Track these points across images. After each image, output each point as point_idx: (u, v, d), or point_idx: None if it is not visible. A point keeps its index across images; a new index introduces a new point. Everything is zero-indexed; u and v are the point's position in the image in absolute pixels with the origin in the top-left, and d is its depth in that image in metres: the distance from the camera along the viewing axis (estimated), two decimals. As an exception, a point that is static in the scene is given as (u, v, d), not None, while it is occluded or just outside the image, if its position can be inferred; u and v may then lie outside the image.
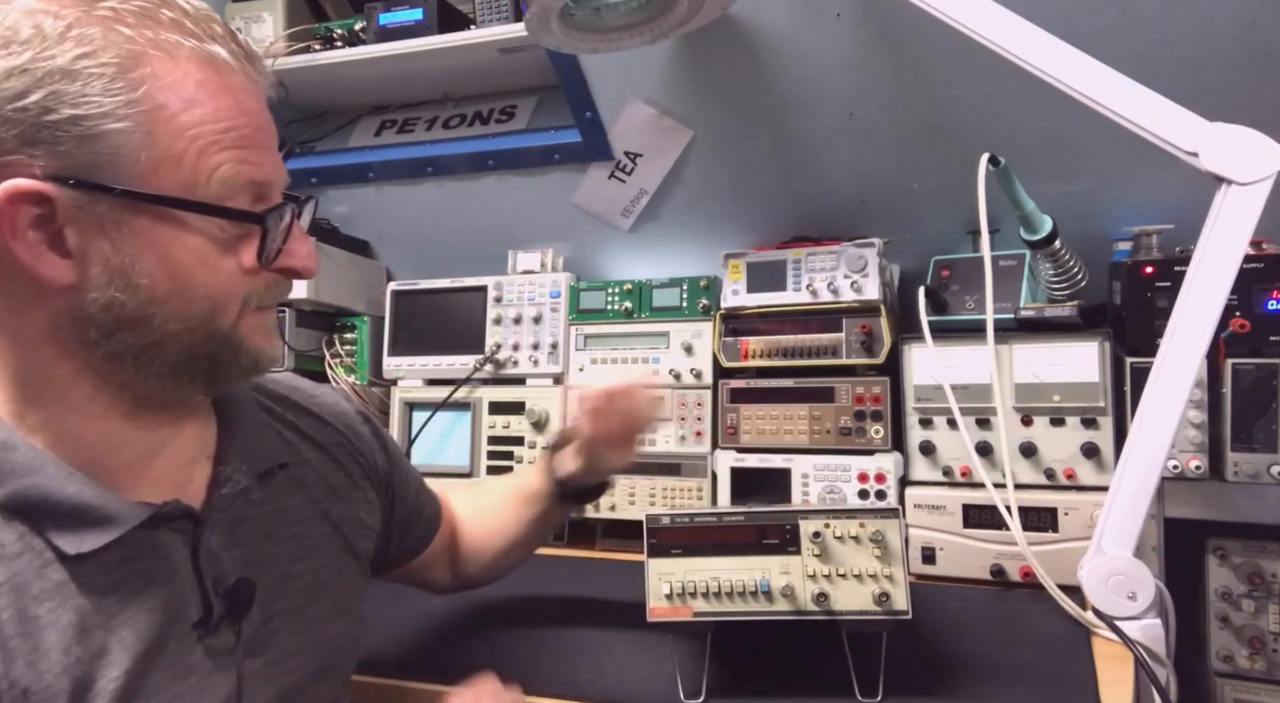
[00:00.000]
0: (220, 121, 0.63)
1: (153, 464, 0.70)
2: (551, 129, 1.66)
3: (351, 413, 0.95)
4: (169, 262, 0.63)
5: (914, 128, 1.44)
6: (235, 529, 0.75)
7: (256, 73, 0.68)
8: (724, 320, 1.47)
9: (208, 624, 0.69)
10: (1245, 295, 1.17)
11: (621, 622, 1.12)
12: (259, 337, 0.70)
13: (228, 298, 0.67)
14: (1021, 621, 1.12)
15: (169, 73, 0.61)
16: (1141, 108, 0.99)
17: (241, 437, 0.78)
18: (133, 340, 0.64)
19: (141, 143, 0.60)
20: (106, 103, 0.59)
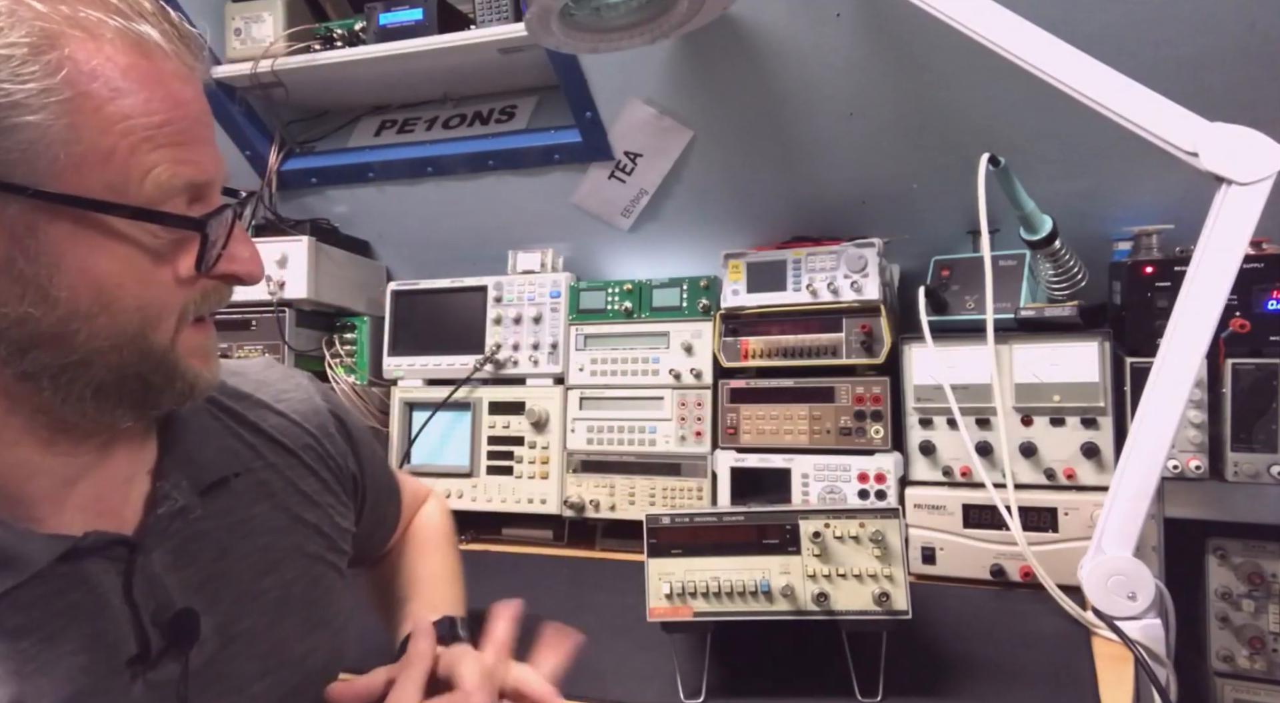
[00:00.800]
0: (154, 114, 0.55)
1: (74, 490, 0.63)
2: (551, 129, 1.66)
3: (324, 412, 0.86)
4: (93, 272, 0.56)
5: (914, 128, 1.44)
6: (185, 549, 0.68)
7: (192, 56, 0.60)
8: (724, 320, 1.47)
9: (145, 660, 0.62)
10: (1245, 295, 1.17)
11: (621, 622, 1.12)
12: (197, 359, 0.63)
13: (162, 311, 0.59)
14: (1021, 621, 1.12)
15: (91, 56, 0.54)
16: (1141, 108, 0.99)
17: (182, 449, 0.70)
18: (50, 360, 0.57)
19: (61, 137, 0.53)
20: (16, 91, 0.51)
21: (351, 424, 0.90)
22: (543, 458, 1.57)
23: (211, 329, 0.65)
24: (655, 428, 1.51)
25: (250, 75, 1.69)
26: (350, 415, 0.91)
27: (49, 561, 0.58)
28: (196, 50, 0.60)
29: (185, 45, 0.59)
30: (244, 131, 1.82)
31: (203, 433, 0.73)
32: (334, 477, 0.85)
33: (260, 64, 1.67)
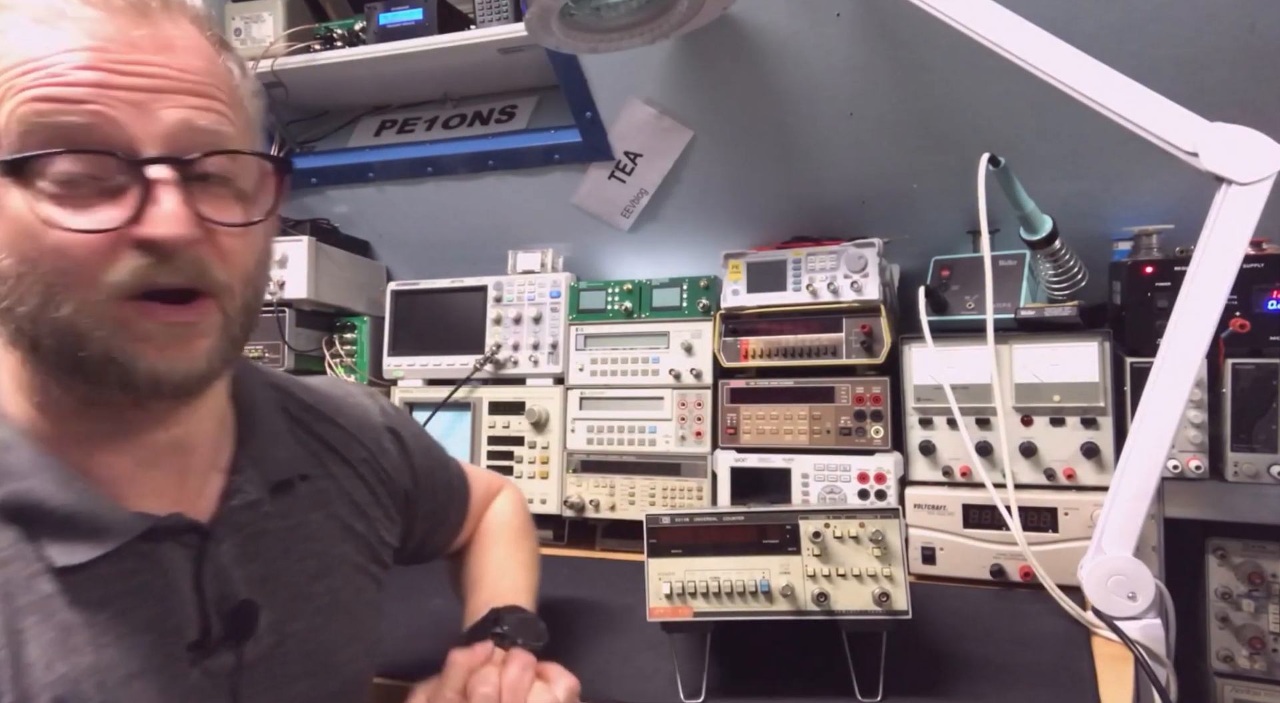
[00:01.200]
0: (23, 63, 0.54)
1: (153, 473, 0.65)
2: (551, 129, 1.66)
3: (380, 427, 0.89)
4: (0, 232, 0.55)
5: (914, 128, 1.44)
6: (251, 544, 0.69)
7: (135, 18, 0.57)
8: (724, 320, 1.47)
9: (204, 647, 0.64)
10: (1245, 295, 1.17)
11: (621, 622, 1.12)
12: (141, 344, 0.57)
13: (59, 278, 0.55)
14: (1021, 621, 1.12)
15: (7, 27, 0.55)
16: (1141, 108, 0.99)
17: (256, 446, 0.73)
18: (8, 331, 0.58)
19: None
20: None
21: (408, 438, 0.92)
22: (543, 458, 1.57)
23: (169, 314, 0.58)
24: (655, 428, 1.51)
25: (250, 75, 1.69)
26: (408, 429, 0.94)
27: (133, 536, 0.60)
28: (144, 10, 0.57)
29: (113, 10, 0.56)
30: (244, 131, 1.82)
31: (276, 434, 0.76)
32: (385, 490, 0.87)
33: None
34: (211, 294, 0.60)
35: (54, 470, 0.60)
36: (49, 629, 0.58)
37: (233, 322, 0.62)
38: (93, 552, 0.59)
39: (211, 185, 0.60)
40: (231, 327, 0.62)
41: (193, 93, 0.58)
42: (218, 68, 0.61)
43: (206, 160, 0.58)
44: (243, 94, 0.64)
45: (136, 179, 0.56)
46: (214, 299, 0.60)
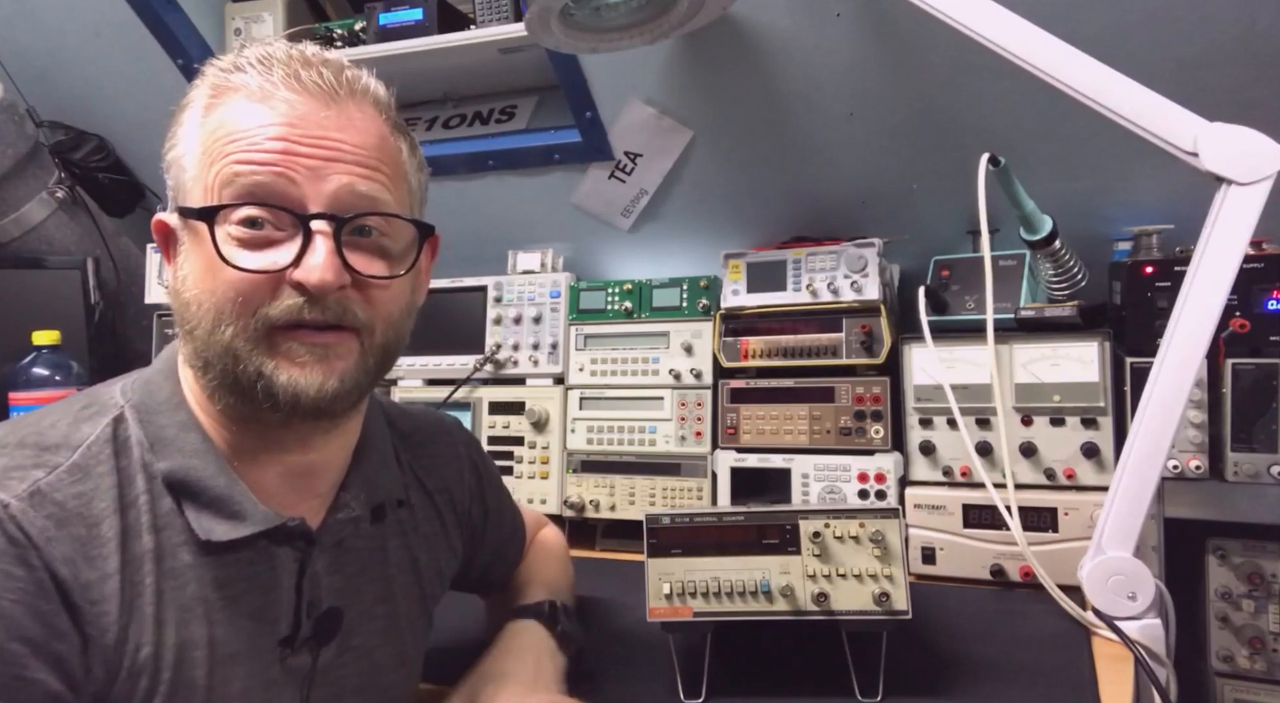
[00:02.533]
0: (235, 133, 0.66)
1: (284, 488, 0.73)
2: (551, 129, 1.66)
3: (464, 460, 0.97)
4: (193, 267, 0.67)
5: (914, 128, 1.44)
6: (339, 557, 0.77)
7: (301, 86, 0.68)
8: (724, 320, 1.47)
9: (292, 644, 0.72)
10: (1245, 295, 1.17)
11: (621, 622, 1.12)
12: (286, 361, 0.67)
13: (226, 307, 0.65)
14: (1021, 621, 1.12)
15: (223, 108, 0.67)
16: (1141, 108, 0.99)
17: (368, 467, 0.80)
18: (190, 350, 0.69)
19: (194, 165, 0.67)
20: (186, 139, 0.68)
21: (485, 474, 1.01)
22: (543, 458, 1.57)
23: (311, 337, 0.67)
24: (655, 428, 1.51)
25: (250, 75, 1.69)
26: (485, 465, 1.02)
27: (265, 527, 0.69)
28: (333, 95, 0.69)
29: (297, 81, 0.67)
30: (244, 131, 1.82)
31: (385, 458, 0.84)
32: (456, 522, 0.94)
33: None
34: (352, 329, 0.69)
35: (214, 457, 0.69)
36: (181, 596, 0.66)
37: (368, 355, 0.71)
38: (231, 534, 0.68)
39: (364, 242, 0.69)
40: (367, 359, 0.71)
41: (360, 164, 0.68)
42: (388, 145, 0.72)
43: (360, 219, 0.68)
44: (407, 169, 0.75)
45: (301, 230, 0.66)
46: (354, 333, 0.69)
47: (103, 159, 1.95)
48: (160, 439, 0.69)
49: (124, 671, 0.63)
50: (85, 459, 0.66)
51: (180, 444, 0.69)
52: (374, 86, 0.73)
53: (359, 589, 0.79)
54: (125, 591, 0.64)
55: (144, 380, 0.73)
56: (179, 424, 0.70)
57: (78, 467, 0.65)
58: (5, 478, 0.62)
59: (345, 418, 0.75)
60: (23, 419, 0.71)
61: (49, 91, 1.89)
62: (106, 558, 0.63)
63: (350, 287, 0.68)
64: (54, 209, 1.85)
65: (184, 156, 0.68)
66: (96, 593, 0.62)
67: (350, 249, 0.68)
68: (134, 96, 1.85)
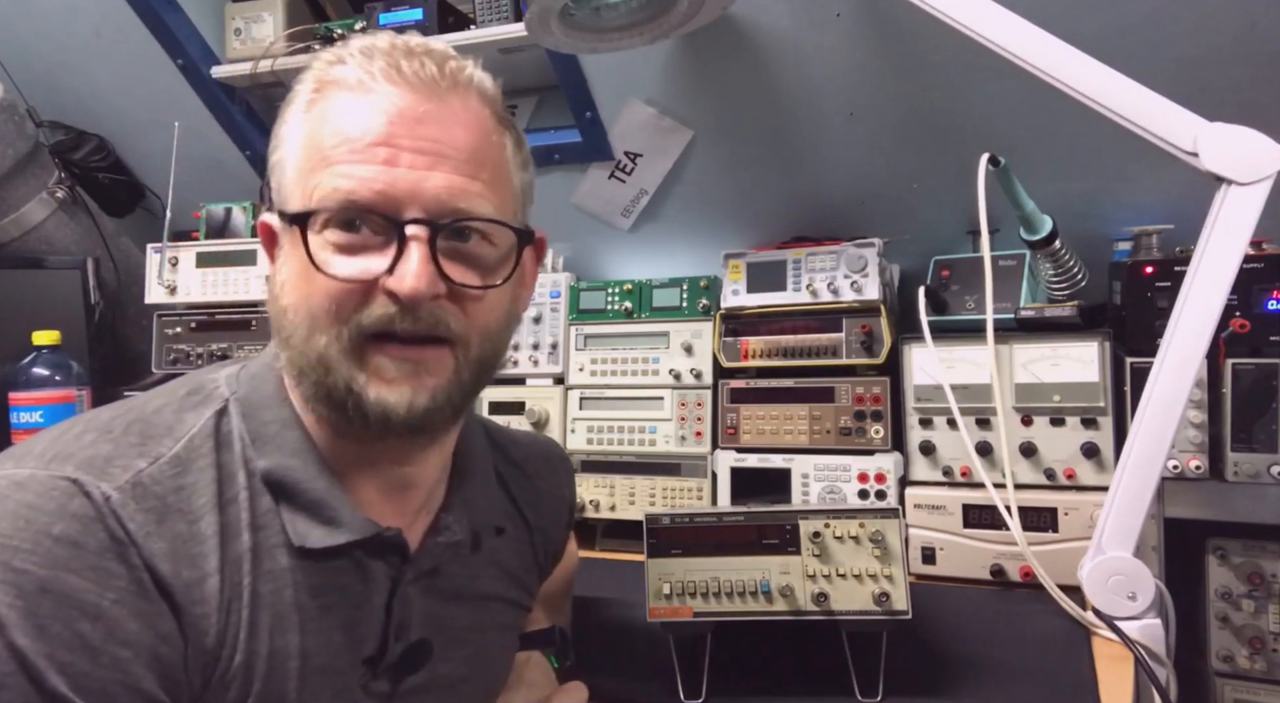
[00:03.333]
0: (332, 138, 0.63)
1: (383, 499, 0.71)
2: (551, 129, 1.66)
3: (568, 501, 0.96)
4: (289, 273, 0.65)
5: (914, 128, 1.44)
6: (433, 581, 0.74)
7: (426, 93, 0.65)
8: (724, 320, 1.47)
9: (375, 666, 0.69)
10: (1245, 295, 1.17)
11: (621, 622, 1.12)
12: (375, 377, 0.64)
13: (319, 315, 0.63)
14: (1021, 621, 1.12)
15: (324, 103, 0.65)
16: (1141, 108, 0.99)
17: (468, 490, 0.78)
18: (285, 359, 0.67)
19: (296, 168, 0.65)
20: (289, 140, 0.66)
21: (574, 518, 1.01)
22: (543, 458, 1.57)
23: (402, 351, 0.64)
24: (655, 428, 1.51)
25: (250, 75, 1.69)
26: (577, 510, 1.03)
27: (361, 536, 0.66)
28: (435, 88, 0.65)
29: (399, 73, 0.64)
30: (244, 131, 1.82)
31: (486, 483, 0.82)
32: (540, 561, 0.91)
33: (260, 64, 1.67)
34: (448, 342, 0.66)
35: (314, 458, 0.67)
36: (278, 601, 0.64)
37: (464, 368, 0.67)
38: (327, 541, 0.65)
39: (462, 249, 0.66)
40: (462, 372, 0.67)
41: (460, 166, 0.65)
42: (490, 143, 0.68)
43: (458, 224, 0.65)
44: (511, 168, 0.71)
45: (396, 236, 0.63)
46: (449, 346, 0.66)
47: (103, 159, 1.95)
48: (262, 436, 0.67)
49: (216, 678, 0.61)
50: (188, 452, 0.64)
51: (281, 442, 0.67)
52: (479, 77, 0.69)
53: (451, 616, 0.76)
54: (224, 591, 0.61)
55: (250, 373, 0.71)
56: (281, 421, 0.68)
57: (180, 459, 0.63)
58: (109, 467, 0.60)
59: (443, 433, 0.72)
60: (129, 403, 0.68)
61: (49, 91, 1.89)
62: (206, 556, 0.61)
63: (446, 297, 0.65)
64: (54, 209, 1.85)
65: (286, 159, 0.66)
66: (197, 593, 0.60)
67: (447, 257, 0.64)
68: (134, 96, 1.85)
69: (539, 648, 0.92)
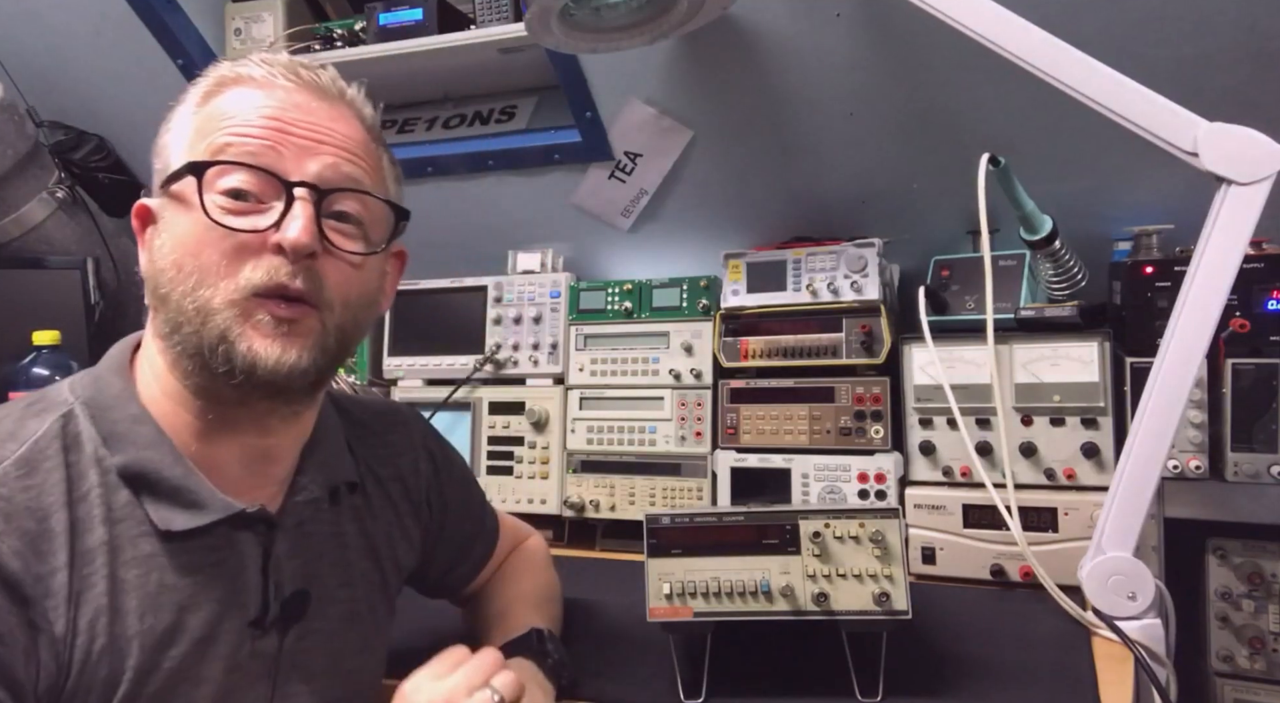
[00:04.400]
0: (228, 114, 0.70)
1: (241, 473, 0.74)
2: (551, 129, 1.66)
3: (419, 449, 0.97)
4: (168, 230, 0.70)
5: (914, 128, 1.44)
6: (299, 541, 0.78)
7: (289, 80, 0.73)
8: (724, 320, 1.47)
9: (261, 625, 0.73)
10: (1245, 295, 1.17)
11: (621, 622, 1.12)
12: (255, 331, 0.68)
13: (208, 268, 0.67)
14: (1021, 621, 1.12)
15: (222, 95, 0.72)
16: (1141, 108, 0.99)
17: (322, 452, 0.82)
18: (162, 320, 0.70)
19: (184, 144, 0.71)
20: (179, 127, 0.72)
21: (442, 464, 1.00)
22: (543, 458, 1.57)
23: (279, 309, 0.69)
24: (655, 428, 1.51)
25: (250, 75, 1.69)
26: (444, 456, 1.01)
27: (224, 515, 0.70)
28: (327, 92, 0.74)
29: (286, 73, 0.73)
30: (244, 131, 1.82)
31: (338, 446, 0.85)
32: (411, 511, 0.94)
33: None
34: (315, 306, 0.71)
35: (169, 448, 0.70)
36: (147, 584, 0.67)
37: (328, 335, 0.72)
38: (190, 523, 0.69)
39: (341, 222, 0.73)
40: (326, 339, 0.72)
41: (344, 150, 0.73)
42: (371, 147, 0.77)
43: (339, 196, 0.72)
44: (386, 175, 0.80)
45: (283, 197, 0.69)
46: (316, 311, 0.71)
47: (103, 159, 1.95)
48: (114, 434, 0.69)
49: (76, 663, 0.64)
50: (32, 453, 0.66)
51: (134, 437, 0.70)
52: (362, 101, 0.78)
53: (320, 573, 0.80)
54: (74, 583, 0.64)
55: (93, 378, 0.74)
56: (131, 418, 0.70)
57: (25, 460, 0.66)
58: None
59: (301, 403, 0.76)
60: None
61: (49, 91, 1.89)
62: (55, 552, 0.64)
63: (321, 262, 0.70)
64: (54, 209, 1.85)
65: (175, 141, 0.72)
66: (44, 587, 0.63)
67: (329, 226, 0.71)
68: (134, 96, 1.85)
69: (520, 655, 0.88)
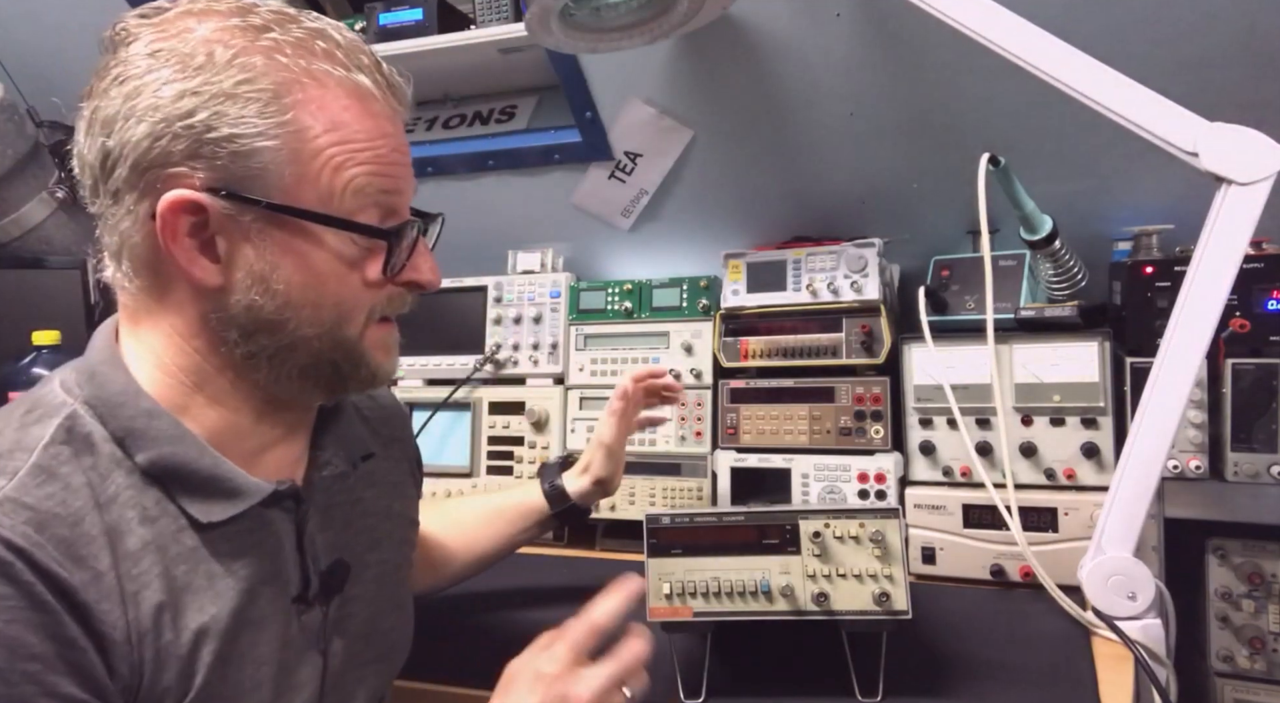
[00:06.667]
0: (356, 141, 0.68)
1: (268, 455, 0.75)
2: (551, 129, 1.66)
3: (405, 413, 1.02)
4: (304, 270, 0.68)
5: (914, 128, 1.44)
6: (326, 514, 0.80)
7: (396, 101, 0.73)
8: (724, 320, 1.47)
9: (305, 600, 0.75)
10: (1245, 295, 1.17)
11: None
12: (380, 352, 0.75)
13: (354, 308, 0.71)
14: (1021, 621, 1.12)
15: (317, 99, 0.67)
16: (1141, 108, 0.99)
17: (337, 426, 0.83)
18: (268, 342, 0.69)
19: (287, 160, 0.66)
20: (260, 123, 0.64)
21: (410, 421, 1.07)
22: (543, 458, 1.57)
23: (394, 329, 0.77)
24: (655, 428, 1.51)
25: (250, 75, 1.69)
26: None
27: (260, 498, 0.70)
28: (401, 96, 0.74)
29: (392, 92, 0.73)
30: (244, 131, 1.82)
31: (349, 416, 0.87)
32: (410, 468, 0.98)
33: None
34: None
35: (192, 439, 0.69)
36: (198, 577, 0.67)
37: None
38: (228, 512, 0.69)
39: None
40: None
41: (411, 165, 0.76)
42: None
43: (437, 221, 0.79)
44: None
45: (409, 231, 0.73)
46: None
47: (103, 159, 1.95)
48: (131, 432, 0.67)
49: (147, 663, 0.63)
50: (45, 460, 0.63)
51: (153, 433, 0.67)
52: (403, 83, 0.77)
53: (349, 541, 0.82)
54: (124, 585, 0.62)
55: (89, 374, 0.69)
56: (145, 413, 0.67)
57: (39, 468, 0.62)
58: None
59: None
60: None
61: (49, 92, 1.89)
62: (97, 556, 0.61)
63: None
64: (54, 209, 1.85)
65: (261, 146, 0.64)
66: (95, 591, 0.60)
67: None
68: (134, 96, 1.85)
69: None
